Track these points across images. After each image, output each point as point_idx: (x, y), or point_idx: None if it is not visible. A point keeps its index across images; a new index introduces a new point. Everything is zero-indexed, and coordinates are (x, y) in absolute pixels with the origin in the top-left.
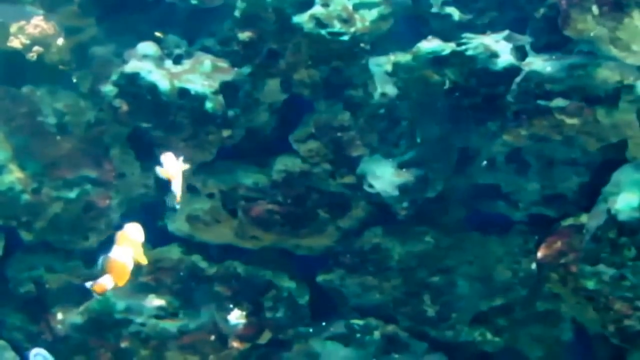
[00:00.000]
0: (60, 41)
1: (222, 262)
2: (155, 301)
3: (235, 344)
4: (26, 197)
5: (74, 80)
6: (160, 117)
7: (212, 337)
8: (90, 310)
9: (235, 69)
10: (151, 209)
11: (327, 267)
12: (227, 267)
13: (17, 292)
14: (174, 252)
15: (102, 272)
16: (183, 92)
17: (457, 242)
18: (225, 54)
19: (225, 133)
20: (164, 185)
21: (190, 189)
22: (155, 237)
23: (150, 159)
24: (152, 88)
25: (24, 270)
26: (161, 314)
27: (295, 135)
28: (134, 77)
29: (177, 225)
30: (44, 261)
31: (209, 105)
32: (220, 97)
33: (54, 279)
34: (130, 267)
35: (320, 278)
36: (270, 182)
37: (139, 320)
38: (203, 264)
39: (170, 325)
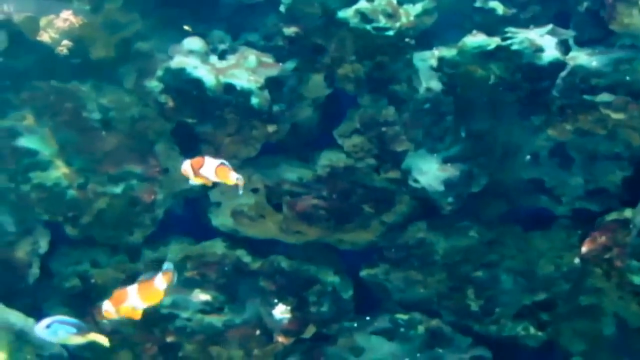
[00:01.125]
0: (101, 37)
1: (266, 257)
2: (201, 296)
3: (281, 339)
4: (72, 192)
5: (119, 76)
6: (205, 113)
7: (257, 332)
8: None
9: (280, 64)
10: (195, 204)
11: (371, 261)
12: (271, 262)
13: (62, 286)
14: (218, 247)
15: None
16: (229, 88)
17: (500, 236)
18: (269, 49)
19: (271, 128)
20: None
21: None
22: (199, 232)
23: (195, 154)
24: (198, 83)
25: (69, 265)
26: (207, 308)
27: (340, 130)
28: (180, 73)
29: (221, 220)
30: (89, 256)
31: (254, 100)
32: (265, 93)
33: (99, 274)
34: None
35: (364, 273)
36: (314, 177)
37: (184, 315)
38: (247, 259)
39: (216, 320)
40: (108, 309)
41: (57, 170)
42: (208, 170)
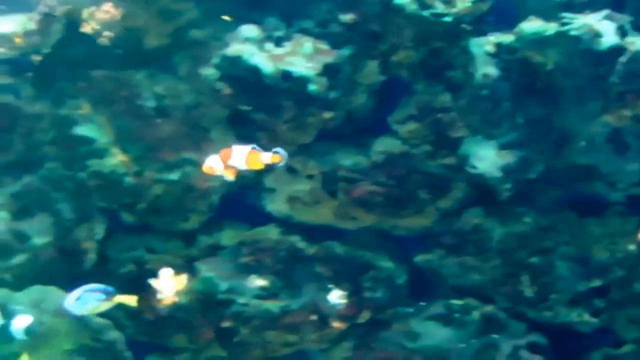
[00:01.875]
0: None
1: (320, 243)
2: (258, 281)
3: (336, 324)
4: (129, 179)
5: (172, 65)
6: (262, 100)
7: (314, 317)
8: (194, 291)
9: (336, 50)
10: (249, 190)
11: (426, 247)
12: (326, 248)
13: (117, 272)
14: (272, 233)
15: None
16: (286, 75)
17: (554, 223)
18: (323, 36)
19: (327, 115)
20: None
21: (290, 170)
22: (252, 218)
23: (250, 142)
24: (255, 71)
25: (125, 251)
26: (263, 294)
27: (395, 116)
28: (237, 60)
29: (276, 206)
30: (144, 242)
31: (312, 87)
32: (323, 79)
33: (155, 260)
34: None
35: (419, 258)
36: (369, 163)
37: (241, 300)
38: (302, 245)
39: (273, 305)
40: (213, 164)
41: (113, 158)
42: (237, 159)
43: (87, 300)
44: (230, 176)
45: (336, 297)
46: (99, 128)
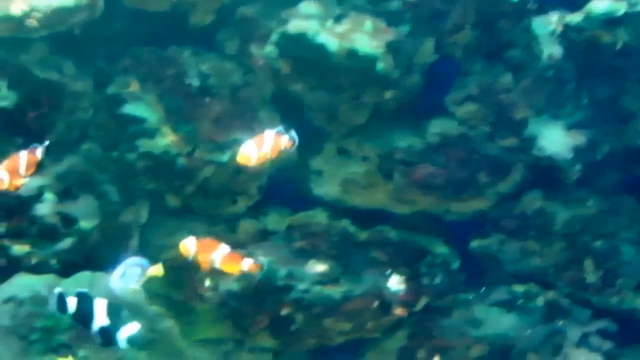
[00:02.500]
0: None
1: (372, 228)
2: (318, 267)
3: (399, 311)
4: (181, 160)
5: (217, 42)
6: (323, 79)
7: (375, 304)
8: (249, 277)
9: (394, 29)
10: (294, 173)
11: (483, 232)
12: (379, 233)
13: (159, 258)
14: (320, 217)
15: None
16: (351, 53)
17: (615, 206)
18: (376, 13)
19: (388, 95)
20: (306, 149)
21: (342, 151)
22: (295, 202)
23: (296, 123)
24: (319, 49)
25: (166, 236)
26: (324, 280)
27: (452, 97)
28: (300, 38)
29: (326, 189)
30: (186, 227)
31: (380, 66)
32: (390, 58)
33: None
34: None
35: (474, 244)
36: (424, 145)
37: (301, 286)
38: (352, 229)
39: (335, 291)
40: (250, 152)
41: (165, 138)
42: (268, 145)
43: (131, 276)
44: (264, 164)
45: (395, 283)
46: (149, 107)
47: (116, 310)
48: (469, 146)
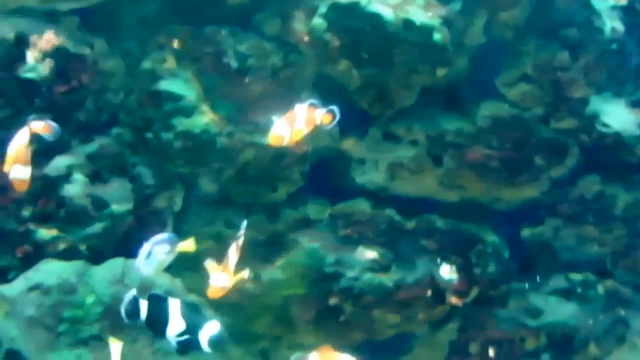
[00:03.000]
0: None
1: (419, 216)
2: (368, 253)
3: (454, 299)
4: (222, 140)
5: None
6: (373, 53)
7: (429, 292)
8: (295, 265)
9: (444, 5)
10: (333, 163)
11: (535, 220)
12: (426, 221)
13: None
14: (363, 206)
15: None
16: (408, 24)
17: None
18: None
19: (440, 72)
20: (348, 136)
21: (388, 136)
22: (336, 193)
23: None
24: (375, 19)
25: (202, 226)
26: (374, 267)
27: (504, 78)
28: (353, 8)
29: (370, 176)
30: (223, 215)
31: (437, 36)
32: (445, 30)
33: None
34: None
35: (526, 232)
36: (475, 129)
37: (351, 274)
38: (398, 217)
39: (386, 279)
40: (281, 131)
41: (204, 116)
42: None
43: (157, 255)
44: (298, 142)
45: (447, 271)
46: (187, 84)
47: (192, 310)
48: (521, 128)
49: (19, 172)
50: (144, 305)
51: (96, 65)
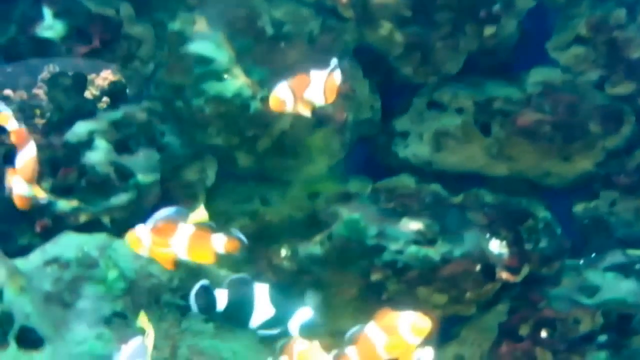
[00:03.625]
0: None
1: (467, 191)
2: (412, 225)
3: (505, 275)
4: (256, 105)
5: None
6: (418, 10)
7: (478, 267)
8: (335, 238)
9: None
10: (373, 138)
11: (588, 195)
12: (474, 196)
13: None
14: (407, 181)
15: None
16: None
17: None
18: None
19: (488, 31)
20: (390, 111)
21: (433, 105)
22: (377, 170)
23: (378, 77)
24: None
25: (237, 203)
26: (420, 239)
27: (555, 42)
28: None
29: (414, 149)
30: (258, 192)
31: None
32: None
33: (273, 212)
34: None
35: (579, 208)
36: (525, 96)
37: (394, 247)
38: (444, 192)
39: (433, 252)
40: (284, 95)
41: (236, 80)
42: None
43: None
44: (306, 111)
45: (497, 246)
46: (218, 46)
47: (280, 294)
48: (575, 94)
49: (22, 189)
50: (221, 294)
51: (121, 29)
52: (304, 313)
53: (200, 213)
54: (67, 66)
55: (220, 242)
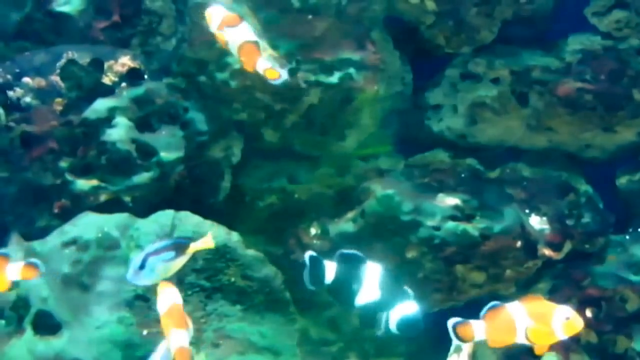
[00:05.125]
0: None
1: (503, 165)
2: (448, 200)
3: (548, 251)
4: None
5: None
6: None
7: (519, 244)
8: (368, 215)
9: None
10: (406, 111)
11: (633, 166)
12: (511, 170)
13: (256, 206)
14: (442, 156)
15: None
16: None
17: None
18: None
19: None
20: (422, 83)
21: (467, 76)
22: (410, 146)
23: (410, 48)
24: None
25: (263, 181)
26: (457, 215)
27: (593, 7)
28: None
29: (448, 122)
30: (286, 169)
31: None
32: None
33: (302, 190)
34: None
35: (622, 180)
36: (564, 65)
37: (431, 222)
38: (480, 167)
39: (471, 228)
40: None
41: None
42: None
43: (154, 266)
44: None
45: (538, 222)
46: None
47: (392, 282)
48: (617, 61)
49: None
50: (330, 267)
51: (142, 3)
52: (408, 306)
53: (207, 240)
54: (85, 52)
55: None
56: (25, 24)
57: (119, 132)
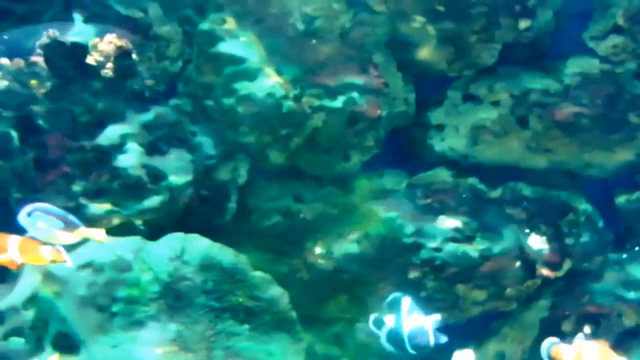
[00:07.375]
0: None
1: (504, 185)
2: (449, 222)
3: (546, 271)
4: (289, 104)
5: None
6: (450, 6)
7: (517, 264)
8: (371, 237)
9: None
10: (408, 132)
11: (631, 185)
12: (512, 190)
13: (261, 225)
14: (444, 176)
15: None
16: None
17: None
18: None
19: (523, 24)
20: (422, 104)
21: (469, 98)
22: (413, 164)
23: (411, 72)
24: None
25: (269, 200)
26: (458, 236)
27: (592, 31)
28: None
29: (450, 143)
30: (291, 189)
31: None
32: None
33: (306, 210)
34: None
35: (621, 199)
36: (562, 87)
37: (432, 244)
38: (482, 186)
39: (471, 249)
40: None
41: (268, 79)
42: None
43: (36, 220)
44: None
45: (537, 242)
46: (248, 45)
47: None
48: (614, 85)
49: None
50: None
51: (150, 30)
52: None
53: (99, 233)
54: (67, 30)
55: None
56: None
57: (130, 158)
